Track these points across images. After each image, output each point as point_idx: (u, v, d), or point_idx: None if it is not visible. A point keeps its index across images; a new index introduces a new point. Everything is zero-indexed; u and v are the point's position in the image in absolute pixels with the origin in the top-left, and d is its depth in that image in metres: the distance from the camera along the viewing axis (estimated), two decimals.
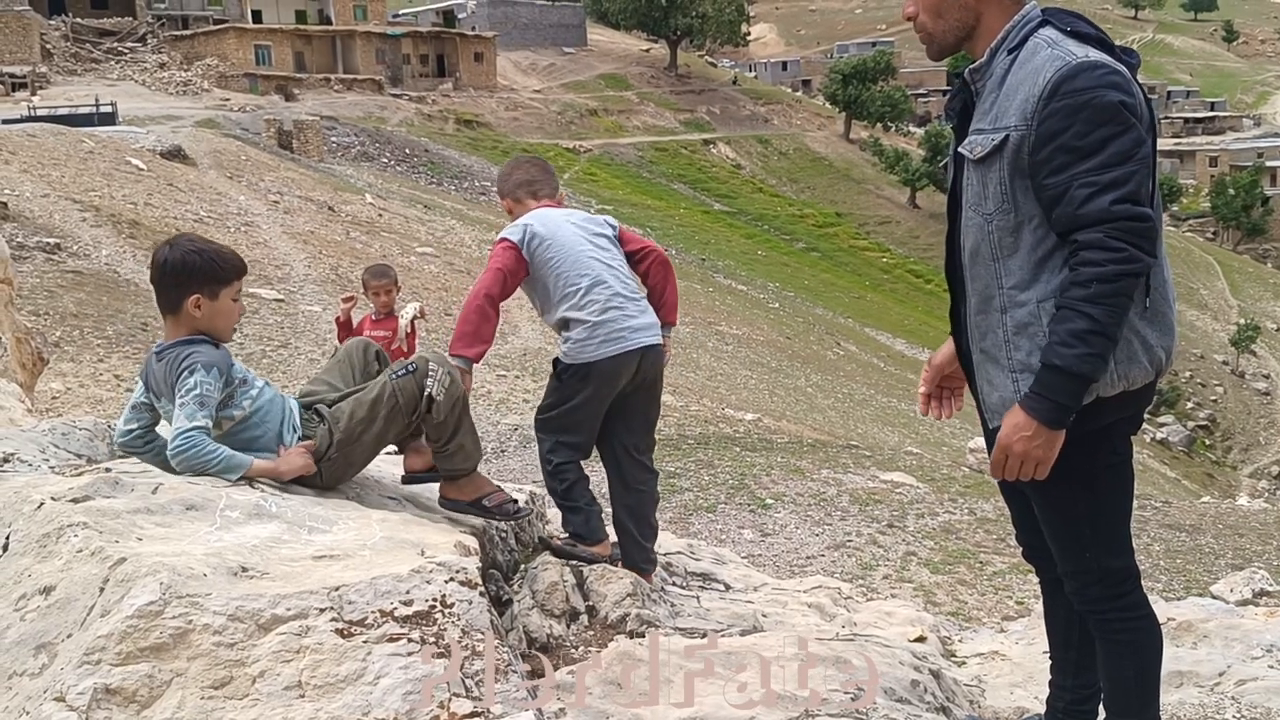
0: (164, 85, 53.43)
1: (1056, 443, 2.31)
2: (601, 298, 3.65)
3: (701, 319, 29.47)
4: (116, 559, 2.41)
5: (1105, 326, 2.22)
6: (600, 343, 3.63)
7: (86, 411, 9.86)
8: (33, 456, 3.75)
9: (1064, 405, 2.27)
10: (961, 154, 2.44)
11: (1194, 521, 8.98)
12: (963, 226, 2.49)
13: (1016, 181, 2.33)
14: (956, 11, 2.44)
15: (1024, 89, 2.30)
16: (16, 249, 15.86)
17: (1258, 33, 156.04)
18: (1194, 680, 3.79)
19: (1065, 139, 2.24)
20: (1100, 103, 2.22)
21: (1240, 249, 73.25)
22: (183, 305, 2.99)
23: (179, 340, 3.02)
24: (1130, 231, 2.20)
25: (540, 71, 70.15)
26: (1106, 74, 2.24)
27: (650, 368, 3.75)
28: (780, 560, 7.24)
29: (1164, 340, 2.40)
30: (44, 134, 27.41)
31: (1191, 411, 44.24)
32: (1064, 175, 2.25)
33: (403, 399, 3.05)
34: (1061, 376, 2.25)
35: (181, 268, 2.98)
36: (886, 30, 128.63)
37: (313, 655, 2.27)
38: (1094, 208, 2.21)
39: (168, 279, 3.00)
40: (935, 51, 2.54)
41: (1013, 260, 2.37)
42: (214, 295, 3.01)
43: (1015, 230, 2.36)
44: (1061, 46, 2.30)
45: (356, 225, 28.31)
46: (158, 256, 3.04)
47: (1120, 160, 2.21)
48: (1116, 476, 2.50)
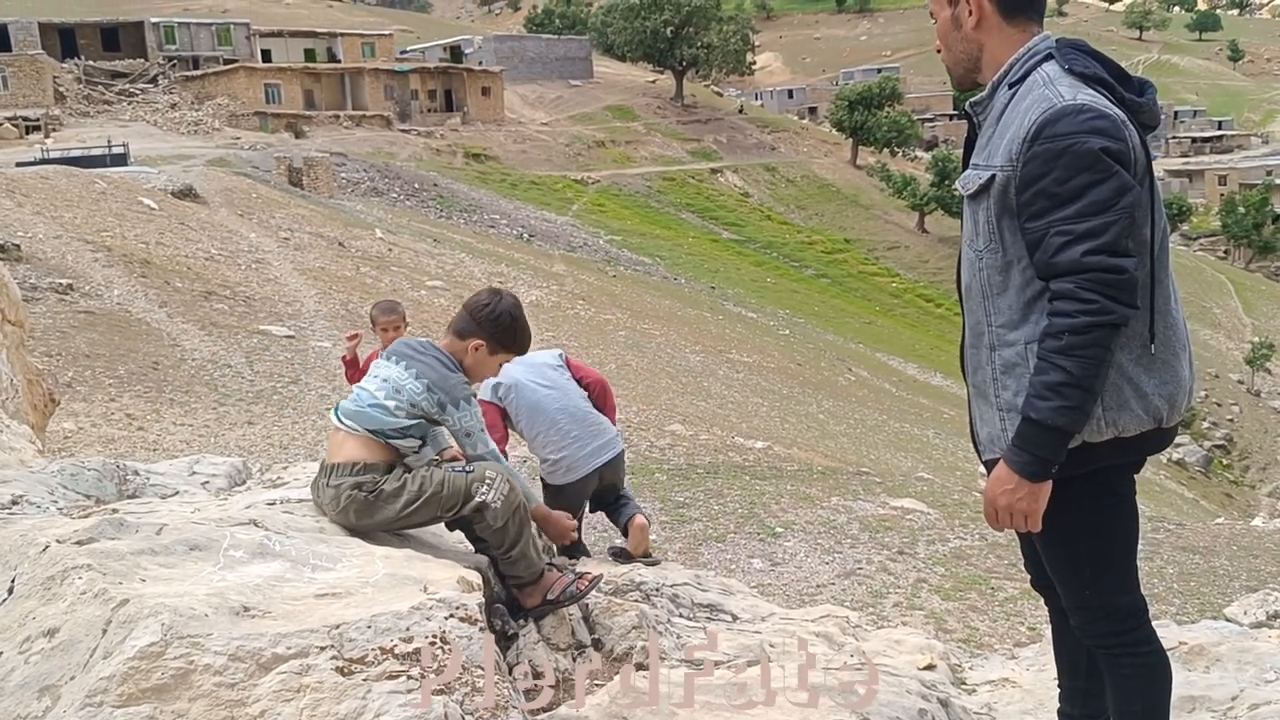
0: (175, 125, 53.95)
1: (1041, 494, 2.29)
2: (556, 437, 4.45)
3: (712, 347, 29.48)
4: (119, 600, 2.42)
5: (1079, 379, 2.18)
6: (565, 472, 4.48)
7: (98, 451, 9.90)
8: (41, 498, 3.78)
9: (1043, 458, 2.25)
10: (957, 188, 2.46)
11: (1208, 543, 8.91)
12: (960, 260, 2.51)
13: (1005, 221, 2.32)
14: (960, 44, 2.44)
15: (1013, 129, 2.29)
16: (30, 290, 16.00)
17: (1263, 51, 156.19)
18: (1206, 705, 3.76)
19: (1045, 184, 2.22)
20: (1080, 149, 2.19)
21: (1252, 267, 73.05)
22: (468, 338, 3.28)
23: (456, 362, 3.28)
24: (1103, 283, 2.17)
25: (547, 104, 70.63)
26: (1091, 119, 2.21)
27: (611, 474, 4.58)
28: (790, 589, 7.21)
29: (1164, 389, 2.35)
30: (57, 176, 27.69)
31: (1208, 431, 43.94)
32: (1042, 221, 2.23)
33: (447, 491, 3.13)
34: (1038, 429, 2.23)
35: (497, 315, 3.30)
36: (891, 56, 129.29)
37: (313, 694, 2.28)
38: (1067, 257, 2.19)
39: (479, 314, 3.29)
40: (954, 82, 2.56)
41: (1002, 299, 2.36)
42: (494, 351, 3.32)
43: (1004, 269, 2.34)
44: (1053, 86, 2.27)
45: (366, 260, 28.46)
46: (491, 297, 3.36)
47: (1098, 210, 2.18)
48: (1116, 516, 2.47)
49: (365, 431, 3.16)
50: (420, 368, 3.20)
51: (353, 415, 3.19)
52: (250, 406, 14.11)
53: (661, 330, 29.71)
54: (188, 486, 4.39)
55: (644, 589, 4.21)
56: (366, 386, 3.27)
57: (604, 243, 47.66)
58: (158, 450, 11.01)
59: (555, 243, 44.89)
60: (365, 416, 3.17)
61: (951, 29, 2.45)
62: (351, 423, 3.18)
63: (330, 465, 3.20)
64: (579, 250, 44.64)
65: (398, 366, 3.21)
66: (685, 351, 27.05)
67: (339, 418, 3.23)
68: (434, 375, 3.20)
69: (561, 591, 3.36)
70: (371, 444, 3.17)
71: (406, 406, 3.17)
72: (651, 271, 44.87)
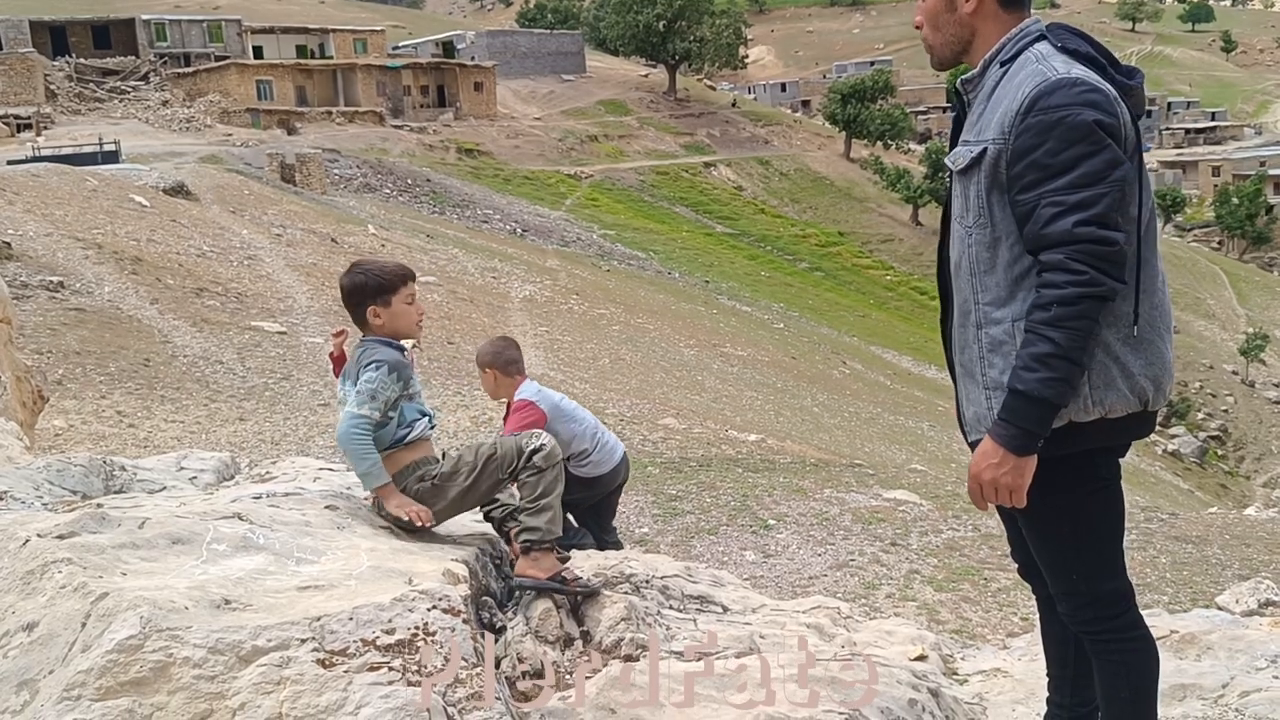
0: (167, 122, 53.79)
1: (1026, 469, 2.28)
2: (591, 434, 5.28)
3: (706, 341, 29.47)
4: (99, 594, 2.40)
5: (1067, 350, 2.18)
6: (599, 464, 5.27)
7: (89, 448, 9.87)
8: (26, 494, 3.76)
9: (1029, 431, 2.24)
10: (947, 164, 2.45)
11: (1201, 533, 8.92)
12: (950, 238, 2.49)
13: (994, 196, 2.31)
14: (952, 26, 2.43)
15: (1005, 103, 2.29)
16: (20, 288, 15.94)
17: (1256, 42, 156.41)
18: (1197, 693, 3.75)
19: (1037, 156, 2.21)
20: (1073, 121, 2.19)
21: (1245, 258, 73.19)
22: (365, 318, 3.44)
23: (369, 338, 3.45)
24: (1093, 255, 2.16)
25: (540, 99, 70.52)
26: (1084, 92, 2.21)
27: (625, 471, 5.46)
28: (782, 581, 7.20)
29: (1150, 370, 2.34)
30: (48, 174, 27.59)
31: (1202, 422, 44.02)
32: (1033, 193, 2.23)
33: (500, 451, 3.36)
34: (1025, 401, 2.22)
35: (353, 289, 3.46)
36: (884, 49, 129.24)
37: (293, 686, 2.26)
38: (1058, 228, 2.18)
39: (349, 300, 3.48)
40: (936, 63, 2.55)
41: (990, 276, 2.35)
42: (386, 303, 3.42)
43: (992, 245, 2.33)
44: (1047, 62, 2.28)
45: (359, 256, 28.37)
46: (341, 284, 3.54)
47: (1090, 181, 2.18)
48: (1102, 501, 2.46)
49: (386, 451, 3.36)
50: (373, 363, 3.35)
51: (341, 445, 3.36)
52: (242, 403, 14.08)
53: (655, 325, 29.70)
54: (175, 482, 4.38)
55: (634, 580, 4.19)
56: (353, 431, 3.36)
57: (597, 237, 47.63)
58: (148, 447, 10.97)
59: (549, 238, 44.85)
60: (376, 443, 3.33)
61: (943, 10, 2.43)
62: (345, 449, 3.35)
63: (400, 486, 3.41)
64: (572, 245, 44.61)
65: (360, 380, 3.35)
66: (679, 346, 27.04)
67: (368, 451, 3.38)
68: (381, 357, 3.38)
69: (576, 579, 3.49)
70: (402, 452, 3.39)
71: (381, 407, 3.32)
72: (645, 266, 44.85)
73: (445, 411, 13.86)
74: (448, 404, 14.45)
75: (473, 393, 15.18)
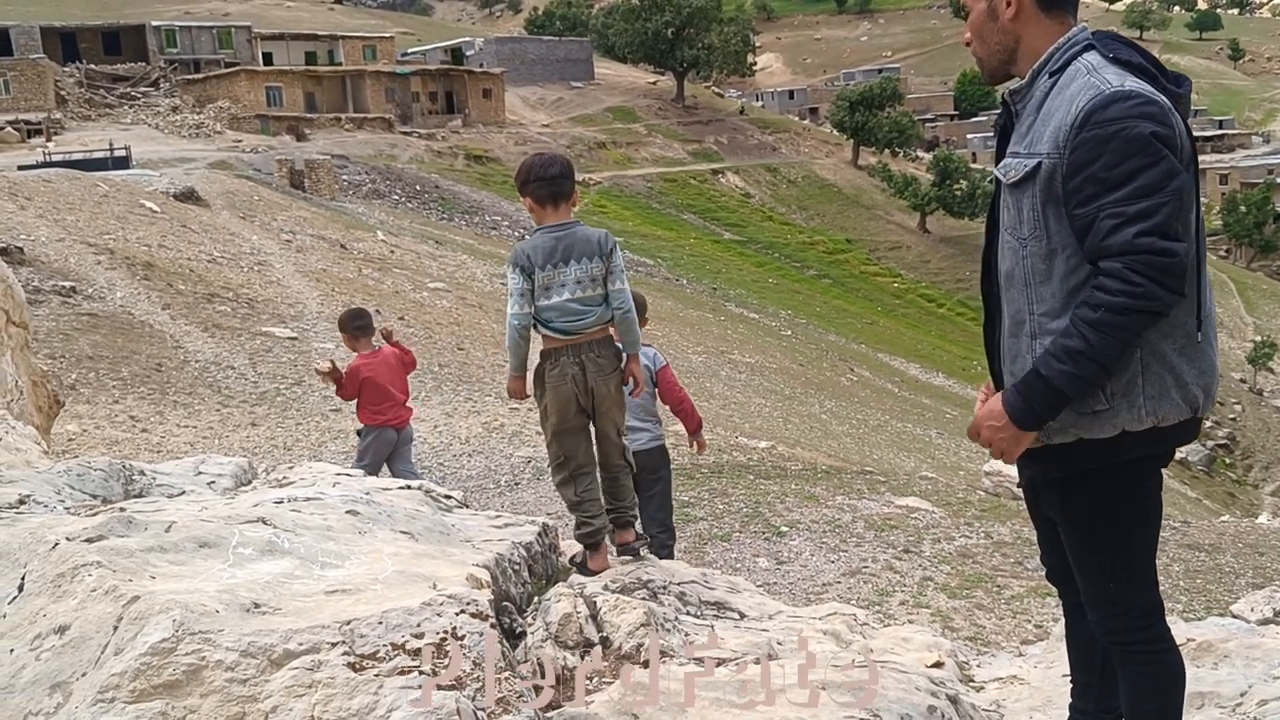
0: (177, 128, 53.99)
1: (1023, 441, 2.33)
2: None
3: (714, 348, 29.48)
4: (130, 597, 2.42)
5: (1099, 354, 2.20)
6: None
7: (102, 452, 9.91)
8: (48, 498, 3.78)
9: (1037, 412, 2.28)
10: (998, 176, 2.45)
11: (1213, 541, 8.89)
12: (999, 248, 2.48)
13: (1049, 209, 2.31)
14: (996, 35, 2.44)
15: (1058, 116, 2.28)
16: (33, 293, 16.01)
17: (1264, 50, 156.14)
18: (1215, 701, 3.75)
19: (1094, 170, 2.21)
20: (1130, 134, 2.18)
21: (1253, 266, 73.02)
22: (575, 193, 3.97)
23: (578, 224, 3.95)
24: (1152, 266, 2.17)
25: (548, 106, 70.66)
26: (1140, 104, 2.20)
27: None
28: (796, 588, 7.20)
29: (1202, 379, 2.35)
30: (59, 179, 27.71)
31: (1211, 430, 43.86)
32: (1092, 206, 2.22)
33: None
34: (1043, 384, 2.26)
35: (570, 168, 3.98)
36: (892, 57, 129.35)
37: (324, 690, 2.27)
38: (1118, 239, 2.18)
39: (570, 172, 3.94)
40: (986, 76, 2.56)
41: (1045, 288, 2.35)
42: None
43: (1048, 257, 2.33)
44: (1099, 74, 2.27)
45: (369, 262, 28.47)
46: (555, 156, 4.01)
47: (1149, 192, 2.17)
48: (1143, 511, 2.46)
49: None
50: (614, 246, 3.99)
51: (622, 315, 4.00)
52: (254, 408, 14.12)
53: (664, 331, 29.71)
54: (194, 486, 4.40)
55: (651, 587, 4.20)
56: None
57: None
58: (161, 452, 11.01)
59: None
60: (625, 311, 4.00)
61: (987, 20, 2.44)
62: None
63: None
64: None
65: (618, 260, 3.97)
66: (688, 352, 27.04)
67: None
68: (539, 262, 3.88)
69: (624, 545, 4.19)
70: None
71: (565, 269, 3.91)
72: (653, 273, 44.87)
73: (457, 417, 13.89)
74: (459, 409, 14.47)
75: (484, 399, 15.21)
